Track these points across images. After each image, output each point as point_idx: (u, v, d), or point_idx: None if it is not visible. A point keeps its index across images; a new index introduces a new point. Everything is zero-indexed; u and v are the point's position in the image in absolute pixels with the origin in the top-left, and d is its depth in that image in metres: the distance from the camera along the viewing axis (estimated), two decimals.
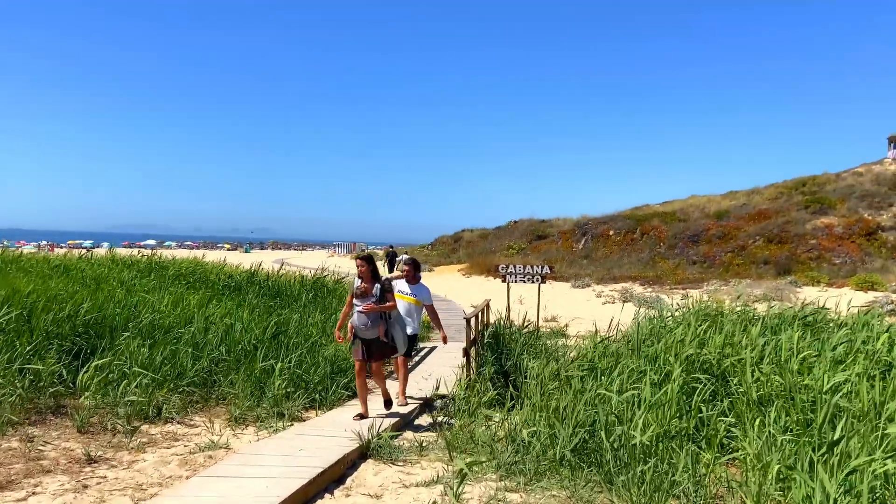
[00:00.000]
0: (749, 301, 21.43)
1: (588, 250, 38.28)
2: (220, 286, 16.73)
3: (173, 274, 17.03)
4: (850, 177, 41.58)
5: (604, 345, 9.04)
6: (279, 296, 16.07)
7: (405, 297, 8.56)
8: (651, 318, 12.80)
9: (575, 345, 14.28)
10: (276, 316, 11.18)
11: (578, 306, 22.92)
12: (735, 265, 30.96)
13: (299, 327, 10.49)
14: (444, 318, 19.11)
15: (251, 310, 12.23)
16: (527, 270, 16.54)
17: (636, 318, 13.55)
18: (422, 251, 54.03)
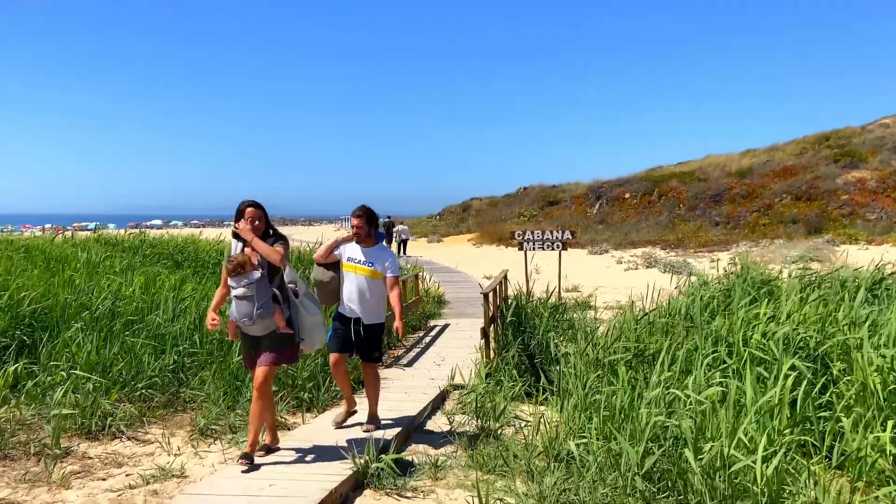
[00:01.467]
0: (785, 263, 19.81)
1: (603, 215, 36.59)
2: (211, 264, 15.30)
3: (156, 253, 15.60)
4: (878, 129, 39.50)
5: (647, 320, 7.50)
6: (271, 272, 14.60)
7: (356, 267, 5.57)
8: (694, 287, 11.27)
9: (606, 318, 12.79)
10: None
11: (599, 274, 21.38)
12: (761, 225, 29.25)
13: None
14: (458, 292, 17.79)
15: None
16: (545, 237, 14.98)
17: (679, 286, 12.04)
18: (430, 222, 52.48)
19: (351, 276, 5.60)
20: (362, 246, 5.60)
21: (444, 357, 9.53)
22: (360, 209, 5.59)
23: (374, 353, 5.82)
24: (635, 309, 12.38)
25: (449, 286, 17.58)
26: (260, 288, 4.72)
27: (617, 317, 11.38)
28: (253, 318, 4.67)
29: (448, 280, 19.30)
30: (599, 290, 17.64)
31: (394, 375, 8.33)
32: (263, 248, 4.72)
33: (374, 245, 5.65)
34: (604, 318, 12.73)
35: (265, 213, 4.93)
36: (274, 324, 4.79)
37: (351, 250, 5.64)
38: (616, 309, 14.23)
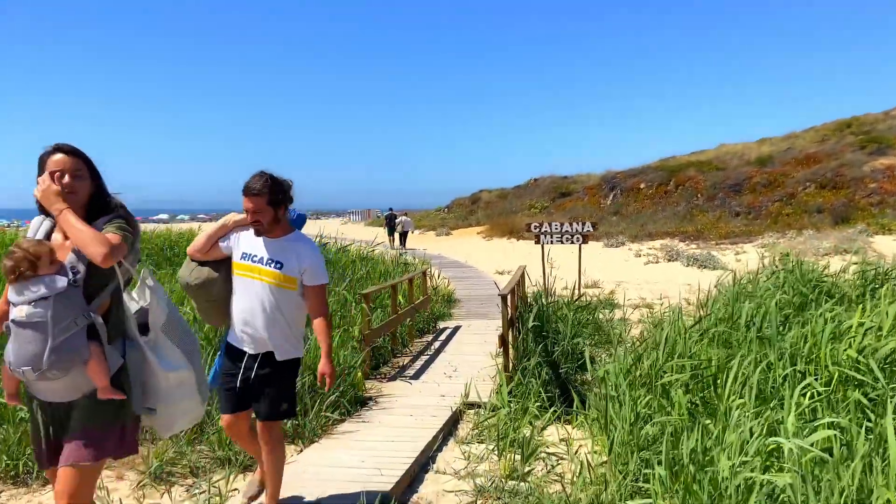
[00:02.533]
0: (818, 255, 18.55)
1: (618, 206, 35.31)
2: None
3: (143, 249, 14.50)
4: None
5: (699, 329, 6.32)
6: None
7: (255, 269, 3.60)
8: (736, 285, 10.09)
9: (635, 319, 11.62)
10: None
11: (618, 268, 20.18)
12: (784, 215, 27.91)
13: None
14: (469, 290, 16.57)
15: None
16: (564, 229, 13.82)
17: (717, 284, 10.86)
18: (438, 214, 51.35)
19: (246, 283, 3.55)
20: (267, 237, 3.59)
21: (455, 366, 8.39)
22: (257, 180, 3.46)
23: (282, 406, 3.62)
24: (666, 307, 11.24)
25: (459, 283, 16.45)
26: (62, 308, 2.54)
27: (654, 320, 10.26)
28: (43, 366, 2.50)
29: (458, 276, 18.15)
30: (621, 286, 16.44)
31: (398, 391, 7.20)
32: (79, 231, 2.55)
33: (285, 234, 3.62)
34: (632, 318, 11.60)
35: (90, 168, 2.77)
36: (86, 380, 2.62)
37: (248, 242, 3.62)
38: (643, 307, 13.09)
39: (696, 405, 4.94)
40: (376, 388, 7.29)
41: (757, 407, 4.29)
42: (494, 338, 10.17)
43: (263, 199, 3.47)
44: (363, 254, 16.43)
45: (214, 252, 3.68)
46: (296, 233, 3.71)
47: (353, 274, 13.16)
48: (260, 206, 3.47)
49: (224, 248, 3.67)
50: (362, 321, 7.86)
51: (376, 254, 16.99)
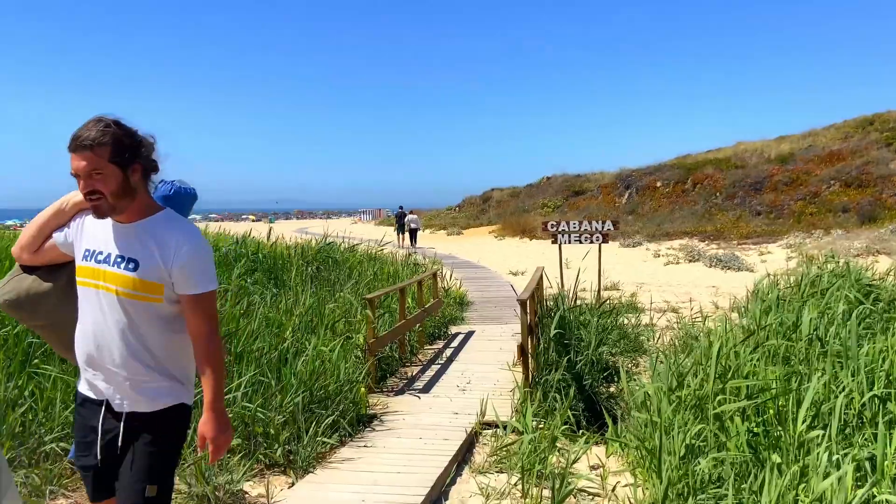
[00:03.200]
0: (849, 256, 17.65)
1: (633, 205, 34.43)
2: None
3: None
4: None
5: (754, 343, 5.54)
6: (273, 272, 12.83)
7: (102, 272, 2.26)
8: (772, 289, 9.30)
9: (662, 325, 10.84)
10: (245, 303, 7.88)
11: (636, 269, 19.36)
12: (808, 214, 26.94)
13: (269, 320, 7.16)
14: (482, 291, 15.77)
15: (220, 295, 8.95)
16: (583, 228, 13.03)
17: (757, 287, 10.07)
18: (449, 213, 50.63)
19: (89, 295, 2.29)
20: (116, 220, 2.28)
21: (469, 378, 7.65)
22: (91, 127, 2.14)
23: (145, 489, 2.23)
24: (696, 312, 10.46)
25: (471, 284, 15.70)
26: None
27: (683, 326, 9.48)
28: None
29: (470, 277, 17.40)
30: (642, 288, 15.63)
31: (406, 407, 6.46)
32: None
33: (144, 215, 2.29)
34: (659, 323, 10.83)
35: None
36: None
37: (92, 233, 2.34)
38: (669, 311, 12.30)
39: (756, 435, 4.18)
40: (382, 403, 6.57)
41: (841, 441, 3.53)
42: (511, 345, 9.44)
43: (103, 154, 2.12)
44: (372, 253, 15.73)
45: (49, 252, 2.41)
46: (164, 212, 2.33)
47: (360, 275, 12.46)
48: (97, 166, 2.13)
49: (62, 245, 2.39)
50: (367, 328, 7.14)
51: (385, 253, 16.28)
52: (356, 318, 7.98)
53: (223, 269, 13.06)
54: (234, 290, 10.03)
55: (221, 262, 13.41)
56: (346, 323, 7.60)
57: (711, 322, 8.53)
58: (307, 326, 7.30)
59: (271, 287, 12.19)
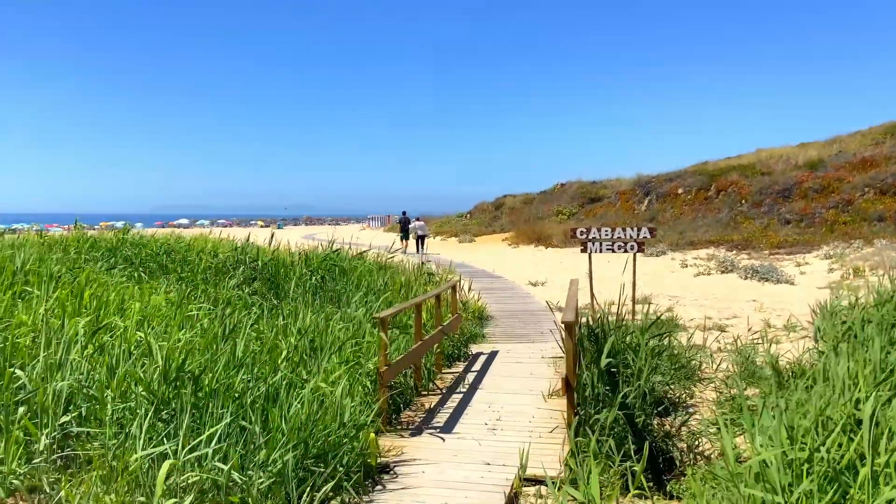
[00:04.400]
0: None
1: (653, 212, 33.08)
2: (201, 269, 12.36)
3: (140, 256, 12.71)
4: None
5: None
6: (274, 281, 11.66)
7: None
8: (859, 308, 8.00)
9: (713, 345, 9.56)
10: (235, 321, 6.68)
11: (665, 280, 18.04)
12: (841, 223, 25.55)
13: (261, 341, 5.96)
14: (502, 304, 14.17)
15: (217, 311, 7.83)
16: (616, 235, 11.76)
17: (830, 304, 8.79)
18: (460, 220, 49.38)
19: None
20: None
21: (498, 412, 6.41)
22: None
23: None
24: (751, 331, 9.17)
25: (489, 296, 14.46)
26: None
27: (740, 350, 8.21)
28: None
29: (487, 288, 16.16)
30: (677, 302, 14.34)
31: (425, 454, 5.22)
32: None
33: None
34: (708, 343, 9.54)
35: None
36: None
37: None
38: (714, 329, 10.99)
39: None
40: (396, 448, 5.33)
41: None
42: (541, 369, 8.21)
43: None
44: (381, 261, 14.51)
45: None
46: None
47: (369, 286, 11.25)
48: None
49: None
50: (379, 354, 5.91)
51: (396, 261, 15.06)
52: (365, 339, 6.73)
53: (221, 277, 11.92)
54: (225, 303, 8.88)
55: (219, 270, 12.27)
56: (354, 344, 6.35)
57: (775, 344, 7.25)
58: (307, 350, 6.07)
59: (271, 297, 11.03)
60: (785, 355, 7.68)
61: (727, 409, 7.04)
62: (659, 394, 6.82)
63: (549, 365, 8.38)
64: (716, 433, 6.56)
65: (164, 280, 11.88)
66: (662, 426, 6.65)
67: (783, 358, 7.81)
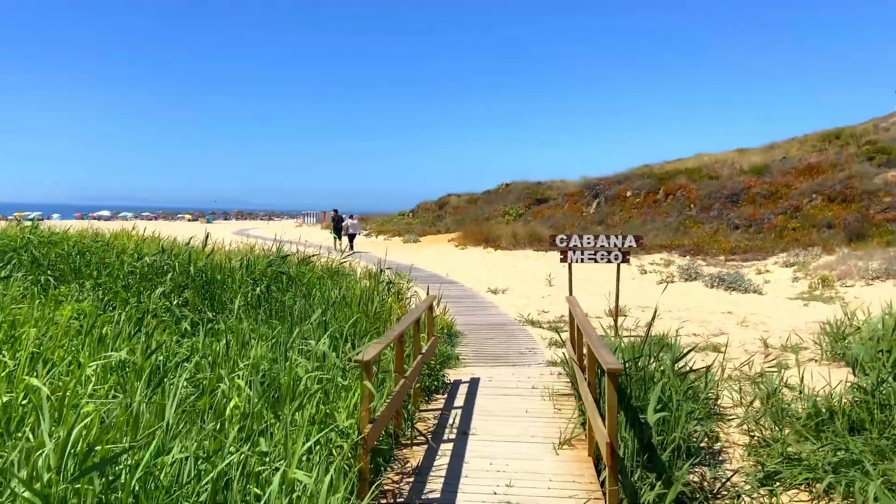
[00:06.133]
0: (867, 278, 15.84)
1: (602, 215, 32.50)
2: (122, 274, 10.56)
3: (44, 257, 10.82)
4: (893, 127, 36.35)
5: None
6: (209, 290, 10.03)
7: None
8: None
9: (717, 367, 8.48)
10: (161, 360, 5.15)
11: (627, 288, 17.08)
12: (790, 229, 25.44)
13: (193, 389, 4.47)
14: (468, 317, 12.39)
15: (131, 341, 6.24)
16: (599, 244, 10.64)
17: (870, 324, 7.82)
18: (402, 219, 47.93)
19: None
20: None
21: (504, 470, 5.09)
22: None
23: None
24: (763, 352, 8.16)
25: (452, 306, 13.13)
26: None
27: (758, 379, 7.16)
28: None
29: (446, 296, 14.81)
30: (648, 313, 13.38)
31: None
32: None
33: None
34: (703, 362, 8.49)
35: None
36: None
37: None
38: (707, 349, 9.99)
39: None
40: None
41: None
42: (536, 404, 6.93)
43: None
44: (331, 266, 13.00)
45: None
46: None
47: (323, 297, 9.76)
48: None
49: None
50: (361, 408, 4.48)
51: (346, 266, 13.55)
52: (335, 380, 5.27)
53: (145, 284, 10.21)
54: (150, 317, 7.27)
55: (143, 277, 10.53)
56: (323, 393, 4.89)
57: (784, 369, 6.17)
58: (263, 400, 4.59)
59: (206, 310, 9.41)
60: (806, 384, 6.66)
61: (765, 458, 5.97)
62: (696, 445, 5.67)
63: (544, 398, 7.12)
64: (766, 492, 5.45)
65: (76, 287, 10.06)
66: (701, 484, 5.50)
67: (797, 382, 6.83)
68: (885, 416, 6.09)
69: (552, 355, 9.44)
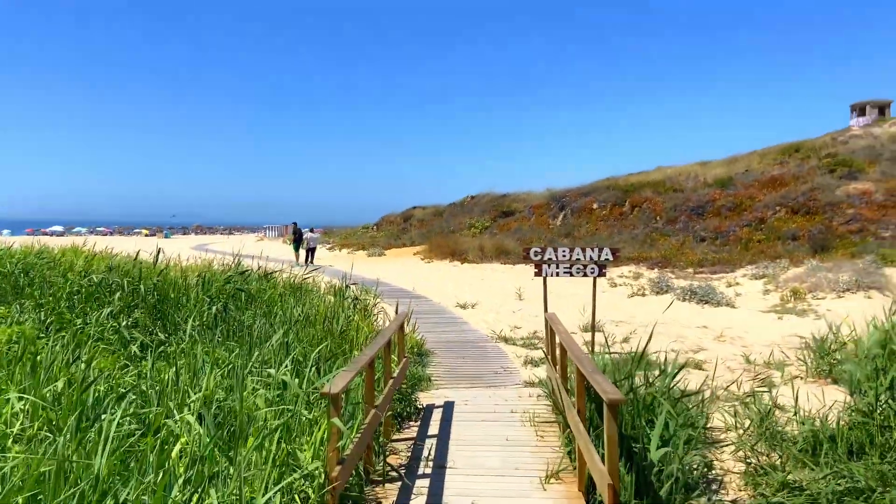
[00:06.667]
0: (838, 290, 15.77)
1: (569, 227, 32.34)
2: (67, 293, 9.80)
3: None
4: (853, 139, 37.10)
5: None
6: (161, 309, 9.37)
7: None
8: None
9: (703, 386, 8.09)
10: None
11: (597, 301, 16.80)
12: (756, 242, 25.55)
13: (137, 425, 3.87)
14: (438, 334, 11.66)
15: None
16: (575, 257, 10.24)
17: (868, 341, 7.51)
18: (366, 232, 47.24)
19: None
20: None
21: None
22: None
23: None
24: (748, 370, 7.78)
25: (420, 322, 12.59)
26: None
27: (745, 399, 6.78)
28: None
29: (414, 311, 14.29)
30: (622, 328, 13.05)
31: None
32: None
33: None
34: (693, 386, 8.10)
35: None
36: None
37: None
38: (691, 367, 9.63)
39: None
40: None
41: None
42: (517, 431, 6.43)
43: None
44: (293, 282, 12.37)
45: None
46: None
47: (286, 316, 9.15)
48: None
49: None
50: (328, 447, 3.93)
51: (311, 282, 12.93)
52: (298, 412, 4.69)
53: (92, 304, 9.49)
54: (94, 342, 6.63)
55: (90, 296, 9.80)
56: (284, 429, 4.32)
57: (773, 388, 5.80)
58: (215, 438, 4.00)
59: (158, 331, 8.76)
60: (795, 403, 6.31)
61: (764, 487, 5.57)
62: (696, 478, 5.23)
63: (525, 423, 6.64)
64: None
65: (16, 308, 9.33)
66: None
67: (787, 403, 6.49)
68: (886, 440, 5.76)
69: (529, 375, 8.97)
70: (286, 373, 5.34)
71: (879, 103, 48.48)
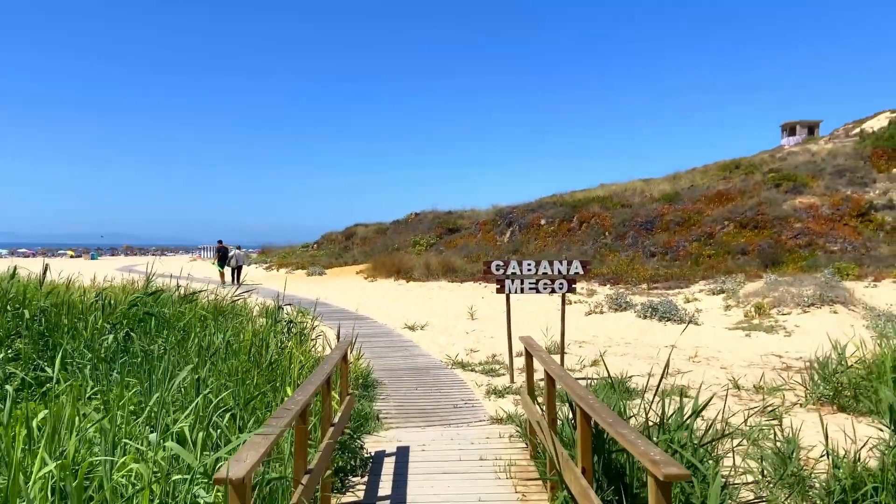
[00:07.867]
0: (803, 306, 15.11)
1: (517, 244, 31.41)
2: None
3: None
4: (791, 156, 37.63)
5: None
6: (52, 338, 7.69)
7: None
8: None
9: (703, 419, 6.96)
10: None
11: (554, 318, 15.72)
12: (706, 256, 25.12)
13: None
14: (386, 360, 9.66)
15: None
16: (541, 271, 9.06)
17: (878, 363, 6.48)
18: (306, 251, 45.35)
19: None
20: None
21: None
22: None
23: None
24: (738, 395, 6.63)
25: (365, 347, 11.17)
26: None
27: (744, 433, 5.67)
28: None
29: (358, 335, 12.84)
30: (586, 348, 11.95)
31: None
32: None
33: None
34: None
35: None
36: None
37: None
38: (674, 394, 8.55)
39: None
40: None
41: None
42: (492, 487, 5.09)
43: None
44: (220, 304, 10.80)
45: None
46: None
47: (204, 345, 7.62)
48: None
49: None
50: None
51: (241, 304, 11.35)
52: (195, 497, 3.27)
53: None
54: None
55: None
56: None
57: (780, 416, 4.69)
58: None
59: (44, 365, 7.10)
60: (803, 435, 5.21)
61: None
62: None
63: (499, 475, 5.34)
64: None
65: None
66: None
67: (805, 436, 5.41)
68: None
69: (494, 409, 7.69)
70: (185, 426, 3.90)
71: (809, 123, 50.02)
